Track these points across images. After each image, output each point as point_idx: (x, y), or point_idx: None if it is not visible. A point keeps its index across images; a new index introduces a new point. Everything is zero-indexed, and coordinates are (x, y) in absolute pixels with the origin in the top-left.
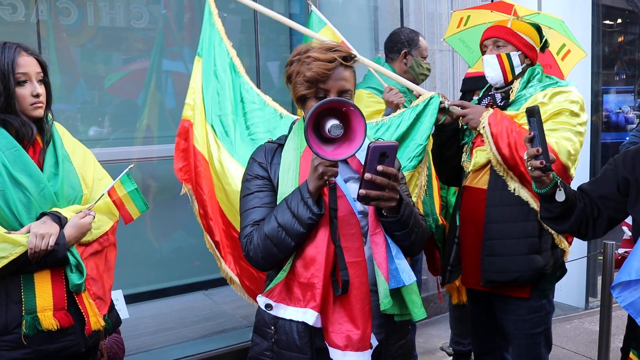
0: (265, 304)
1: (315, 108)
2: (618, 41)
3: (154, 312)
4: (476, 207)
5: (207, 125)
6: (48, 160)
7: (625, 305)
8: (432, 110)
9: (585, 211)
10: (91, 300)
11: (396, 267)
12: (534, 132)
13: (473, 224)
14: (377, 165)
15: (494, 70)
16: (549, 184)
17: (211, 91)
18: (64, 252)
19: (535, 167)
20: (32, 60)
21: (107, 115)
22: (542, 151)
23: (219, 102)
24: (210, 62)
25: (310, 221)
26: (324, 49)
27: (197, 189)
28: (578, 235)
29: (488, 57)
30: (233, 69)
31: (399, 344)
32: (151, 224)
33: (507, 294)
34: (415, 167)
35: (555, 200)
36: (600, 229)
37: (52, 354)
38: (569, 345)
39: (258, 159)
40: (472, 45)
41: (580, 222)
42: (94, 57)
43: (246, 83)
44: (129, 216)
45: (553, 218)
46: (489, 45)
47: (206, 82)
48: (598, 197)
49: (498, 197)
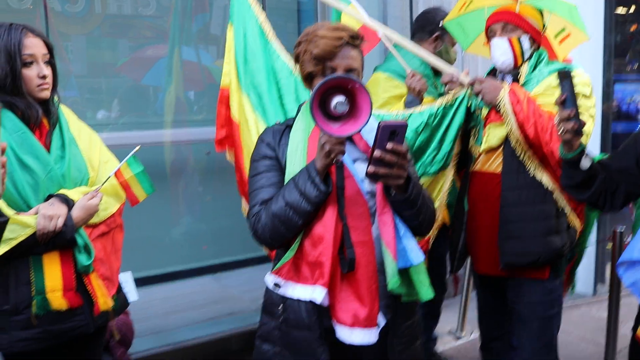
0: (274, 282)
1: (321, 84)
2: (630, 30)
3: (163, 295)
4: (490, 191)
5: (243, 94)
6: (55, 143)
7: (629, 284)
8: (460, 112)
9: (606, 183)
10: (99, 281)
11: (404, 247)
12: (565, 94)
13: (486, 209)
14: (387, 143)
15: (504, 54)
16: (577, 149)
17: (243, 59)
18: (72, 233)
19: (567, 129)
20: (39, 41)
21: (115, 100)
22: (575, 113)
23: (251, 70)
24: (240, 29)
25: (317, 199)
26: (332, 28)
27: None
28: (596, 207)
29: (498, 41)
30: (262, 35)
31: (406, 324)
32: (161, 208)
33: (525, 276)
34: (437, 173)
35: (579, 167)
36: (618, 202)
37: (62, 334)
38: (576, 331)
39: (266, 139)
40: (469, 30)
41: (600, 193)
42: (101, 44)
43: (274, 51)
44: (135, 198)
45: (574, 185)
46: (496, 29)
47: (238, 50)
48: (617, 170)
49: (514, 180)
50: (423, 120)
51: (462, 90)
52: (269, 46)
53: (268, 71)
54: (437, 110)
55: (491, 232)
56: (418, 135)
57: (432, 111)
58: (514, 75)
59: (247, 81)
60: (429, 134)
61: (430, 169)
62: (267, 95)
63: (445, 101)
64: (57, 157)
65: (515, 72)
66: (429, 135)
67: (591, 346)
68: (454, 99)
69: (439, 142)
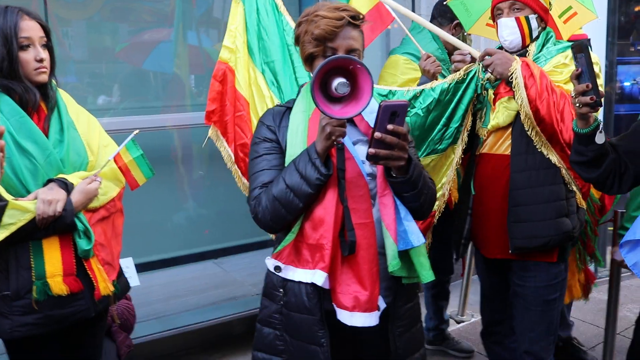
0: (275, 266)
1: (322, 65)
2: (635, 10)
3: (165, 280)
4: (499, 174)
5: (258, 72)
6: (53, 127)
7: (631, 264)
8: (471, 87)
9: (615, 164)
10: (100, 265)
11: (405, 229)
12: (581, 67)
13: (494, 192)
14: (388, 124)
15: (513, 34)
16: (592, 123)
17: (257, 35)
18: (72, 217)
19: (584, 103)
20: (35, 24)
21: (116, 85)
22: (592, 86)
23: (265, 47)
24: (253, 4)
25: (318, 182)
26: (332, 8)
27: (235, 131)
28: (603, 188)
29: (506, 20)
30: (275, 8)
31: (406, 307)
32: (162, 193)
33: (533, 259)
34: (445, 150)
35: (592, 143)
36: (626, 185)
37: (63, 319)
38: (576, 314)
39: (266, 122)
40: (472, 9)
41: (609, 174)
42: (101, 29)
43: (287, 23)
44: (135, 182)
45: (584, 163)
46: (504, 8)
47: (250, 26)
48: (626, 152)
49: (523, 162)
50: (435, 97)
51: (474, 65)
52: (282, 21)
53: (283, 47)
54: (449, 86)
55: (500, 216)
56: (430, 112)
57: (444, 87)
58: (522, 54)
59: (261, 58)
60: (440, 110)
61: (439, 146)
62: (282, 73)
63: (456, 76)
64: (55, 141)
65: (524, 51)
66: (440, 112)
67: (592, 328)
68: (465, 73)
69: (447, 118)
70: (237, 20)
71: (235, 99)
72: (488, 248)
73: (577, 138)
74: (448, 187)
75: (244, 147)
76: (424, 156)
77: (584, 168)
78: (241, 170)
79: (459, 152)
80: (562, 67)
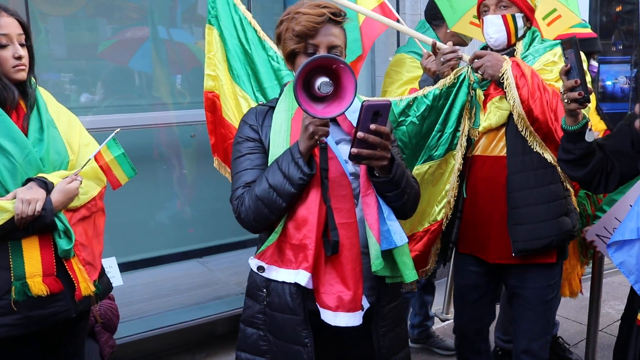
0: (258, 266)
1: (305, 65)
2: (616, 10)
3: (148, 279)
4: (495, 176)
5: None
6: (32, 126)
7: (617, 263)
8: (462, 90)
9: (601, 163)
10: (81, 265)
11: (388, 229)
12: (570, 63)
13: (491, 194)
14: (370, 123)
15: (498, 32)
16: (581, 120)
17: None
18: (52, 217)
19: (572, 99)
20: (13, 21)
21: (98, 83)
22: (581, 82)
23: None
24: (231, 32)
25: (301, 181)
26: (313, 5)
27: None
28: (589, 187)
29: (492, 18)
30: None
31: (390, 306)
32: (145, 191)
33: (535, 261)
34: (442, 157)
35: (581, 140)
36: (612, 184)
37: (43, 320)
38: (559, 311)
39: (249, 121)
40: (457, 6)
41: (595, 173)
42: (85, 26)
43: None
44: (116, 181)
45: (572, 161)
46: (490, 5)
47: (234, 51)
48: (612, 151)
49: (520, 163)
50: (428, 103)
51: (463, 68)
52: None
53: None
54: (441, 91)
55: (499, 219)
56: (425, 119)
57: (436, 93)
58: (509, 53)
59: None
60: (435, 116)
61: (435, 152)
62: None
63: (447, 81)
64: (35, 140)
65: (511, 50)
66: (434, 118)
67: (574, 325)
68: (455, 77)
69: (442, 123)
70: (214, 47)
71: (223, 127)
72: (487, 253)
73: (566, 135)
74: (452, 194)
75: None
76: (421, 163)
77: (571, 166)
78: None
79: (459, 158)
80: (551, 65)
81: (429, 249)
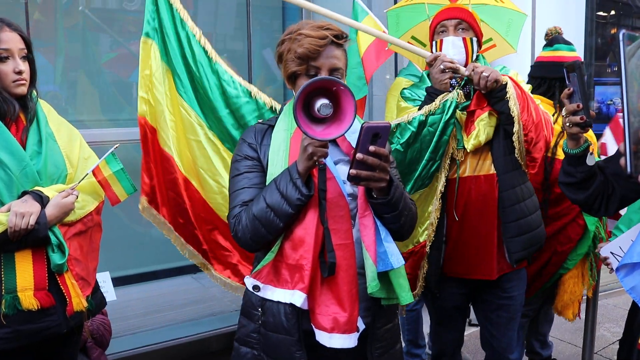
0: (253, 285)
1: (305, 86)
2: (611, 33)
3: (142, 294)
4: (485, 194)
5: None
6: (31, 139)
7: (628, 288)
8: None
9: (602, 186)
10: (74, 280)
11: (385, 250)
12: (573, 87)
13: (480, 213)
14: (369, 145)
15: (460, 53)
16: (583, 144)
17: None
18: (45, 231)
19: (574, 122)
20: (15, 36)
21: (98, 96)
22: (583, 106)
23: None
24: (174, 49)
25: (299, 202)
26: (316, 27)
27: (171, 198)
28: (590, 210)
29: (454, 39)
30: (205, 55)
31: (385, 327)
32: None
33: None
34: (430, 184)
35: (582, 164)
36: (613, 207)
37: (33, 334)
38: (554, 332)
39: (248, 139)
40: (402, 23)
41: (597, 196)
42: (84, 38)
43: (224, 72)
44: (115, 197)
45: (573, 184)
46: (449, 26)
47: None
48: (612, 174)
49: (509, 180)
50: (413, 130)
51: (448, 95)
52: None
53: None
54: (427, 117)
55: (490, 236)
56: (409, 146)
57: (421, 119)
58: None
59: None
60: (420, 144)
61: (428, 182)
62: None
63: (432, 107)
64: (33, 153)
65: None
66: (420, 145)
67: (569, 347)
68: (441, 103)
69: (432, 152)
70: (151, 64)
71: (162, 159)
72: (477, 271)
73: (567, 159)
74: (435, 216)
75: (183, 213)
76: (412, 193)
77: (572, 189)
78: (183, 238)
79: (442, 180)
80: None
81: (416, 272)
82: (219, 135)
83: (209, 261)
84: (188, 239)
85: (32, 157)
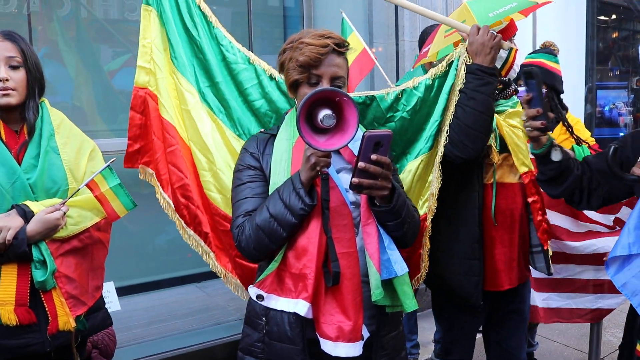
0: (257, 294)
1: (308, 97)
2: (612, 37)
3: (146, 304)
4: (515, 203)
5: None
6: (30, 152)
7: (620, 286)
8: (451, 75)
9: (582, 180)
10: (62, 299)
11: (388, 258)
12: (532, 93)
13: (510, 222)
14: (371, 154)
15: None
16: (545, 143)
17: (190, 52)
18: (23, 247)
19: (534, 127)
20: (6, 44)
21: (100, 107)
22: (543, 111)
23: (203, 67)
24: (173, 15)
25: (302, 212)
26: (317, 35)
27: (171, 171)
28: (571, 202)
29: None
30: (205, 20)
31: (390, 335)
32: (144, 216)
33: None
34: (432, 147)
35: (550, 161)
36: (596, 202)
37: (12, 350)
38: (560, 338)
39: (250, 149)
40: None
41: (574, 190)
42: (87, 49)
43: (224, 37)
44: (114, 214)
45: (547, 181)
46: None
47: (175, 40)
48: (598, 170)
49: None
50: (420, 95)
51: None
52: (216, 35)
53: (222, 67)
54: (433, 80)
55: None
56: (417, 113)
57: (427, 83)
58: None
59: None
60: (427, 109)
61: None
62: (229, 96)
63: (439, 70)
64: (29, 166)
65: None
66: (427, 110)
67: (575, 353)
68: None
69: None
70: (151, 32)
71: (163, 130)
72: (498, 281)
73: (536, 159)
74: (437, 185)
75: (184, 190)
76: (413, 159)
77: (546, 185)
78: (185, 220)
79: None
80: None
81: (417, 251)
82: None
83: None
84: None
85: (28, 170)
